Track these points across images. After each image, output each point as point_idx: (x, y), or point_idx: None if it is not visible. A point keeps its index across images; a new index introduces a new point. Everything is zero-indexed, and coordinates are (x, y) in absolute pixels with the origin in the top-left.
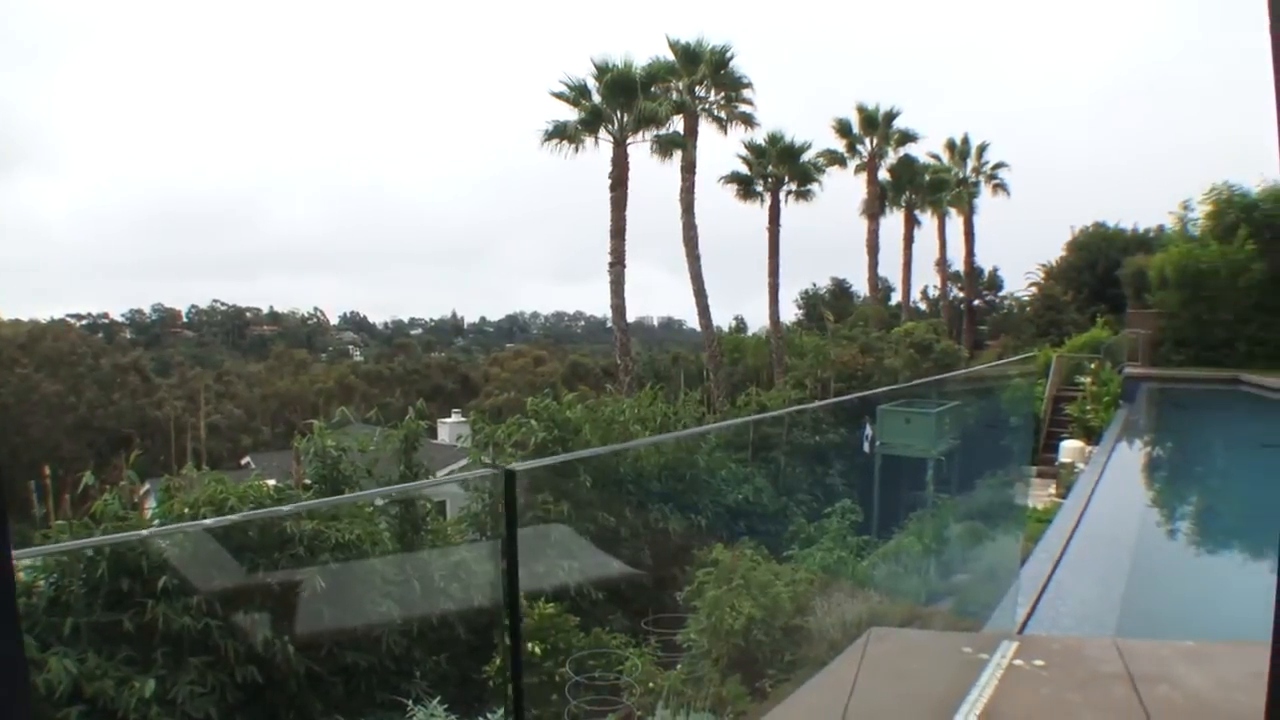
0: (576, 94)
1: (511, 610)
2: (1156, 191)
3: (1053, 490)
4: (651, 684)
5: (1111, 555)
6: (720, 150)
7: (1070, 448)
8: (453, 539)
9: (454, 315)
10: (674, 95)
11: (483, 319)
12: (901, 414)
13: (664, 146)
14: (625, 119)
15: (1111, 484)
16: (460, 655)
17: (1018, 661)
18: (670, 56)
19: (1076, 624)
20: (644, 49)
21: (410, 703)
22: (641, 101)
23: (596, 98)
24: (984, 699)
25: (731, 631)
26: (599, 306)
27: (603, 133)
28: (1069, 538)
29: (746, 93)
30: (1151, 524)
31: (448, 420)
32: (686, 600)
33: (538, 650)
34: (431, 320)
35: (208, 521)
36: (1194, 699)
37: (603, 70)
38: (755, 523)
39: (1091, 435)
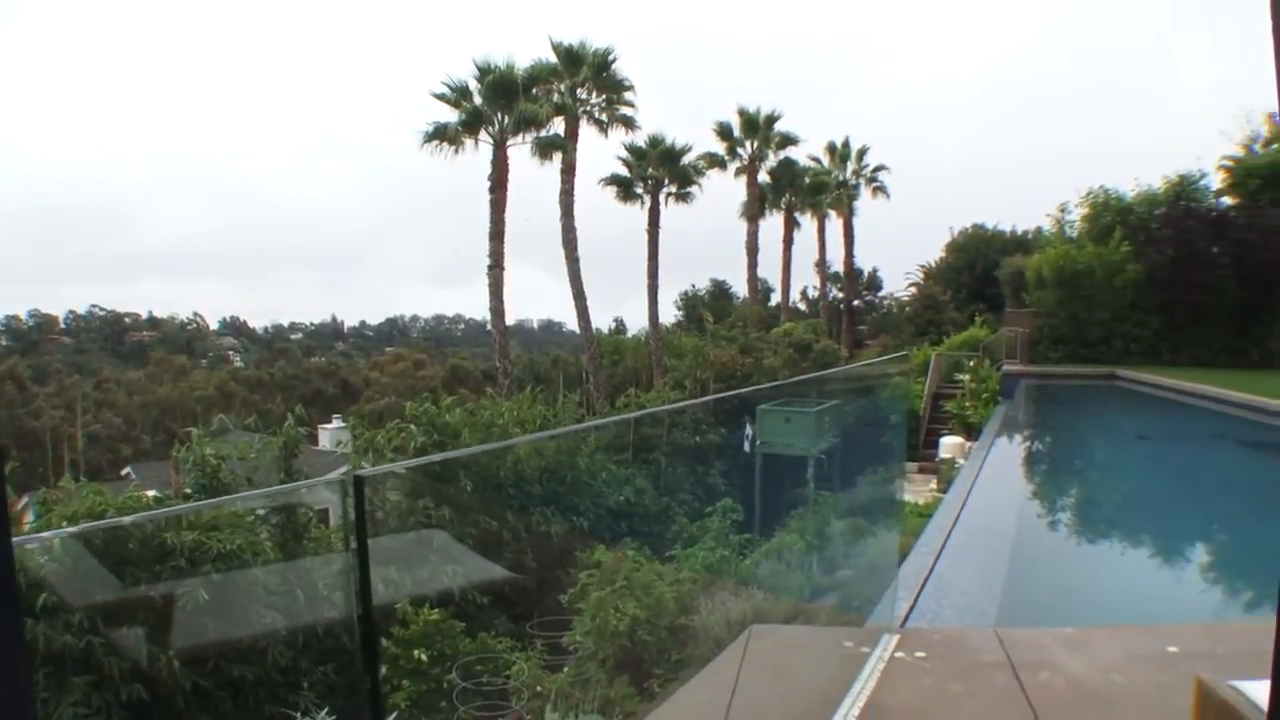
0: (458, 95)
1: (365, 624)
2: (1034, 195)
3: (934, 485)
4: (539, 687)
5: (991, 547)
6: (601, 152)
7: (950, 444)
8: (335, 546)
9: (334, 319)
10: (555, 97)
11: (363, 323)
12: (781, 413)
13: (544, 148)
14: (506, 121)
15: (991, 478)
16: (347, 665)
17: (899, 654)
18: (553, 58)
19: (957, 615)
20: (529, 50)
21: (299, 715)
22: (522, 103)
23: (478, 99)
24: (866, 692)
25: (617, 632)
26: (479, 309)
27: (483, 134)
28: (949, 531)
29: (628, 95)
30: (1031, 516)
31: (328, 426)
32: (571, 602)
33: (424, 657)
34: (312, 324)
35: (70, 529)
36: (1074, 683)
37: (485, 71)
38: (637, 523)
39: (971, 431)
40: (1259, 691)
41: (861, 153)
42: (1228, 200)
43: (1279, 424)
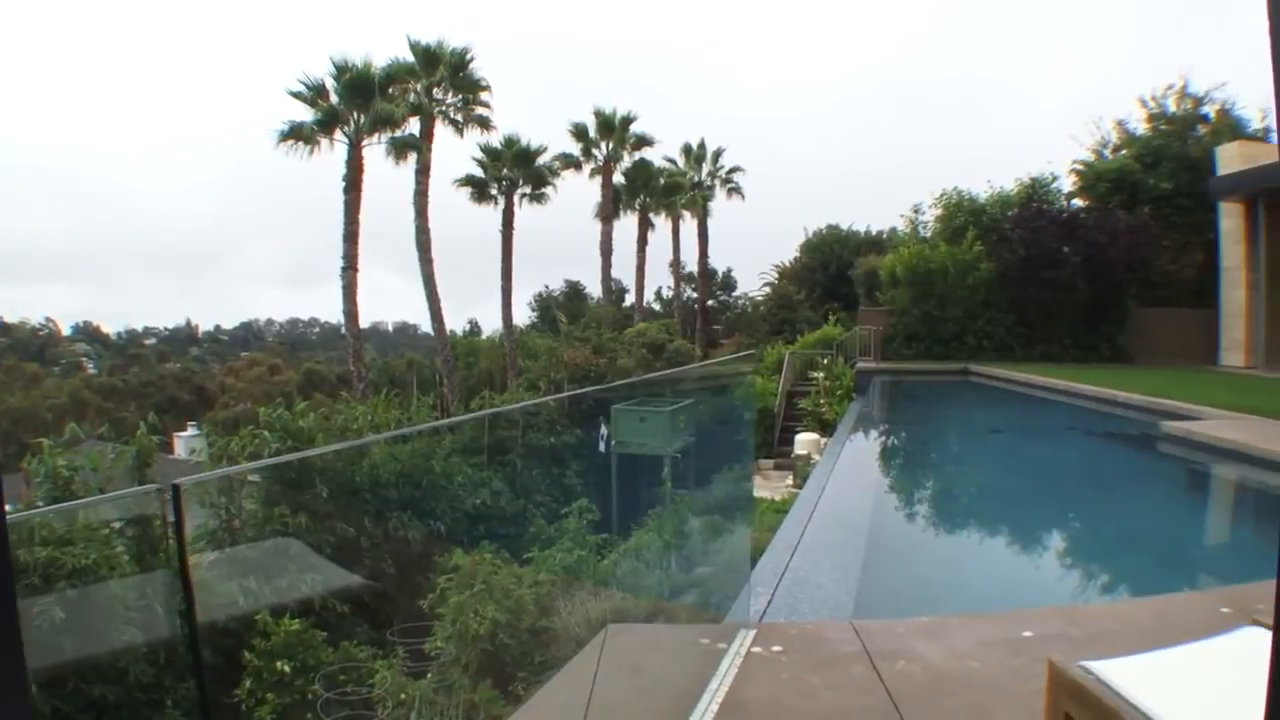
0: (314, 94)
1: (191, 640)
2: (889, 197)
3: (790, 482)
4: (403, 695)
5: (847, 541)
6: (456, 153)
7: (805, 440)
8: (191, 559)
9: (189, 323)
10: (412, 97)
11: (218, 327)
12: (636, 413)
13: (399, 149)
14: (362, 120)
15: (846, 473)
16: (209, 681)
17: (756, 649)
18: (411, 57)
19: (814, 609)
20: (389, 48)
21: None
22: (379, 103)
23: (335, 98)
24: (724, 688)
25: (478, 636)
26: (334, 312)
27: (339, 134)
28: (805, 526)
29: (484, 95)
30: (886, 509)
31: (184, 434)
32: (431, 607)
33: (287, 669)
34: (166, 329)
35: None
36: (930, 670)
37: (342, 70)
38: (495, 526)
39: (826, 428)
40: (1108, 670)
41: (717, 154)
42: (1079, 202)
43: (1127, 415)
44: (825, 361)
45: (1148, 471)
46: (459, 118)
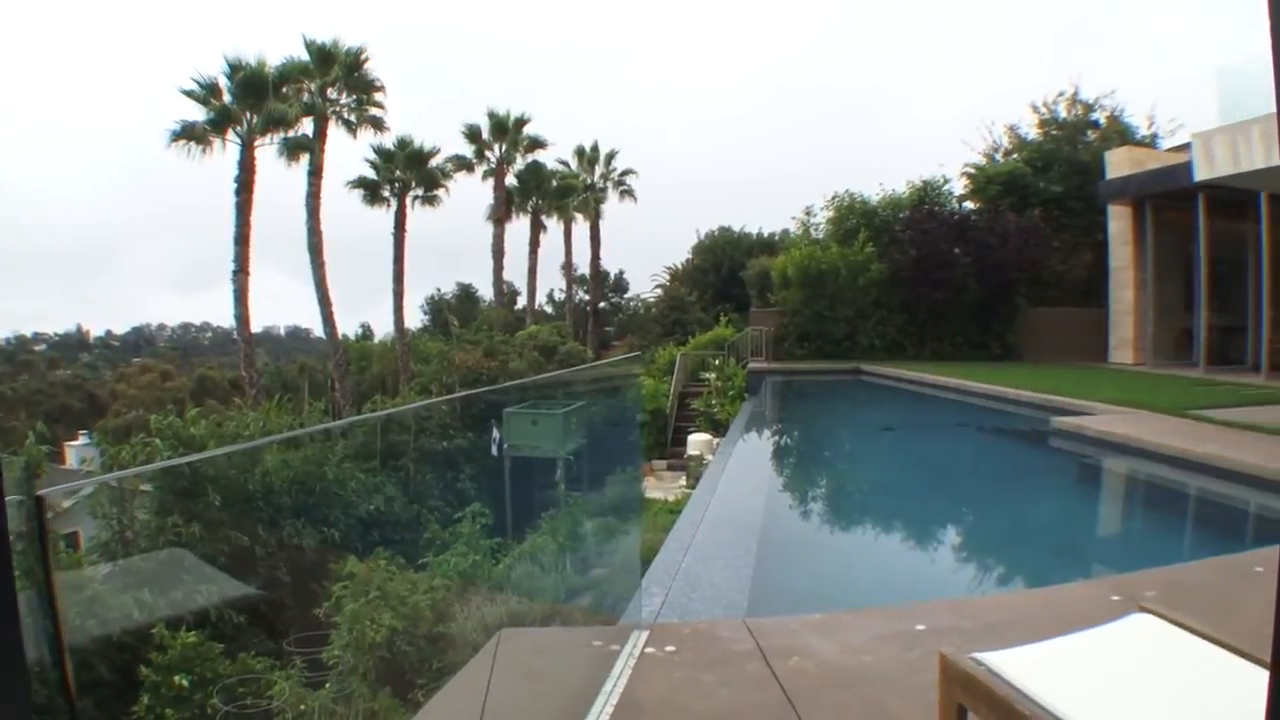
0: (207, 92)
1: (58, 663)
2: (781, 199)
3: (683, 482)
4: (303, 705)
5: (740, 540)
6: (349, 154)
7: (698, 441)
8: (85, 572)
9: (79, 329)
10: (306, 97)
11: (109, 332)
12: (528, 415)
13: (292, 150)
14: (255, 120)
15: (738, 472)
16: (108, 698)
17: (650, 649)
18: (306, 56)
19: (708, 608)
20: (283, 46)
21: None
22: (272, 102)
23: (228, 97)
24: (619, 689)
25: (375, 644)
26: (227, 317)
27: (232, 134)
28: (698, 526)
29: (378, 96)
30: (779, 507)
31: (75, 443)
32: (327, 616)
33: (185, 683)
34: (56, 335)
35: None
36: (823, 665)
37: (235, 68)
38: (389, 532)
39: (719, 428)
40: (999, 661)
41: (610, 156)
42: (970, 204)
43: (1018, 412)
44: (717, 362)
45: (1039, 466)
46: (352, 118)
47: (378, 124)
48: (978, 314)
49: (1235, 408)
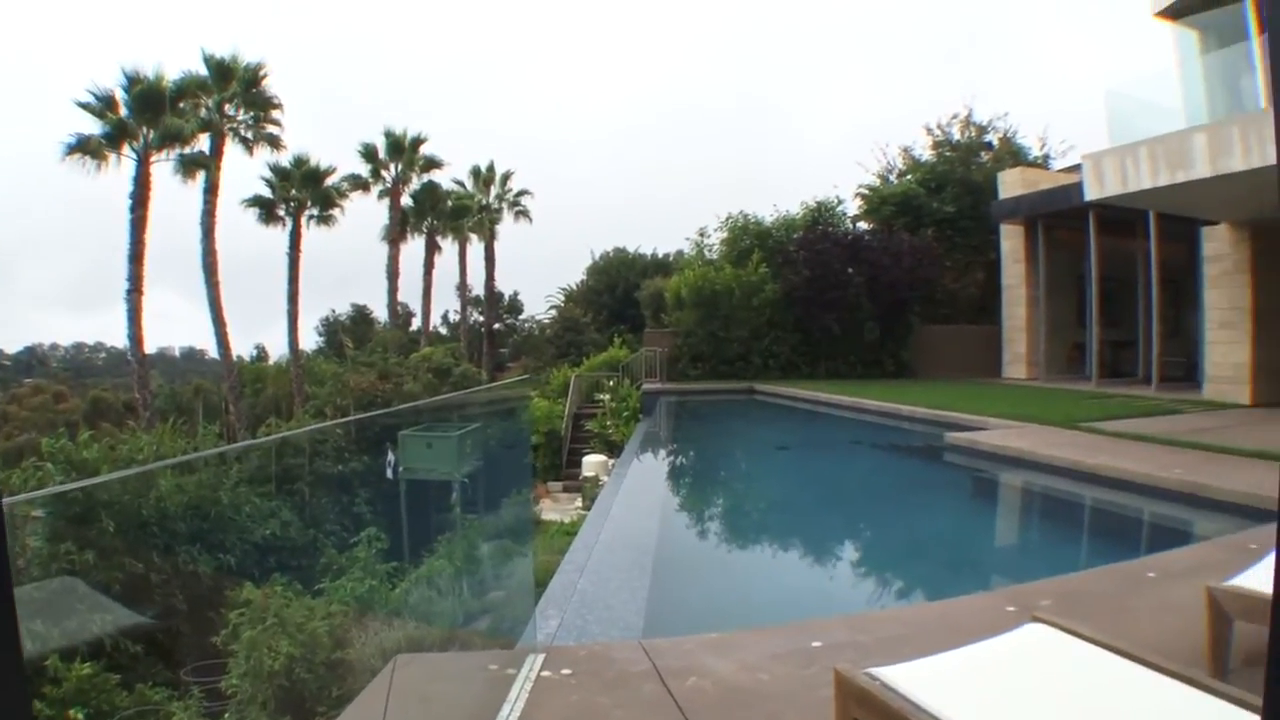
0: (103, 105)
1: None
2: (677, 220)
3: (579, 503)
4: None
5: (636, 561)
6: (247, 172)
7: (593, 462)
8: None
9: None
10: (203, 112)
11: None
12: (423, 438)
13: (188, 166)
14: (151, 135)
15: (633, 493)
16: None
17: (546, 673)
18: (204, 70)
19: (604, 630)
20: (182, 59)
21: None
22: (169, 117)
23: (125, 110)
24: (515, 714)
25: (273, 672)
26: (121, 337)
27: (127, 149)
28: (593, 548)
29: (276, 113)
30: (675, 528)
31: None
32: (224, 644)
33: (80, 716)
34: None
35: None
36: (721, 684)
37: (133, 80)
38: (285, 557)
39: (614, 449)
40: (893, 675)
41: (505, 177)
42: (864, 225)
43: (912, 428)
44: (611, 383)
45: (934, 481)
46: (249, 136)
47: (274, 142)
48: (871, 332)
49: (1127, 419)
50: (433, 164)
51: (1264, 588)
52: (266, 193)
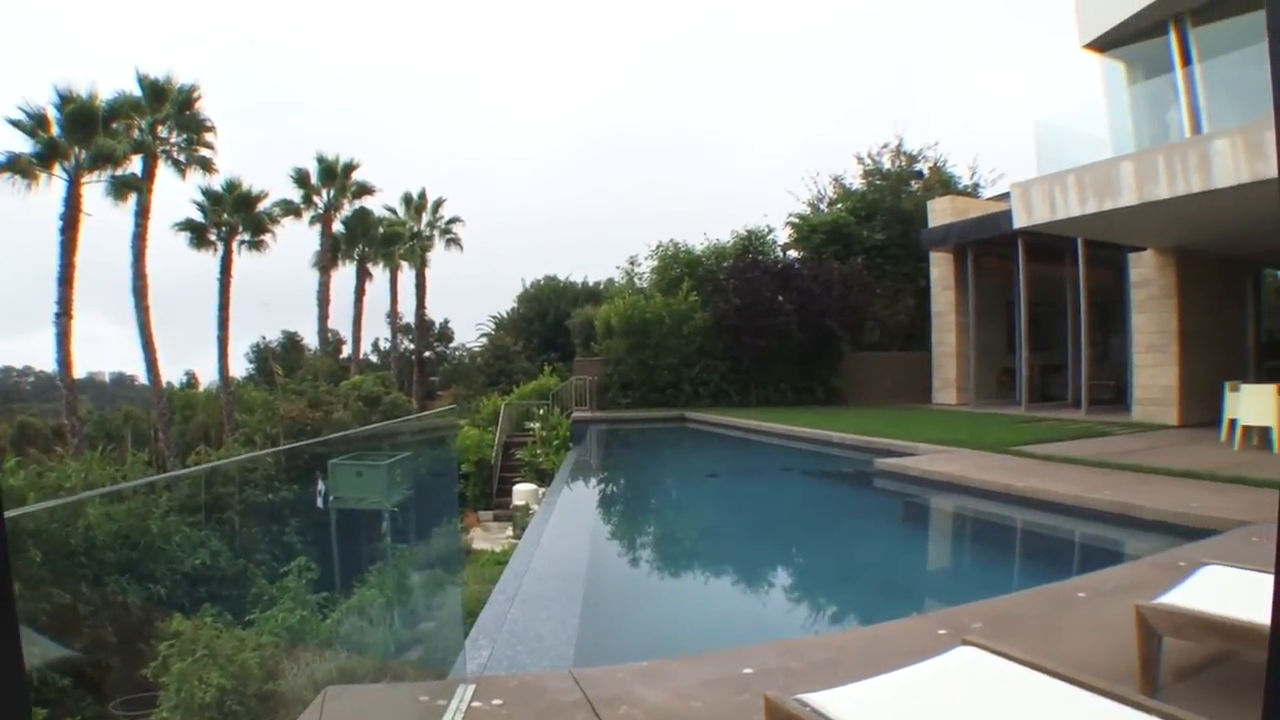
0: (35, 123)
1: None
2: (607, 248)
3: (510, 532)
4: None
5: (566, 590)
6: (178, 195)
7: (524, 491)
8: None
9: None
10: (136, 134)
11: None
12: (353, 467)
13: (120, 188)
14: (83, 155)
15: (563, 522)
16: None
17: (476, 704)
18: (137, 91)
19: (534, 660)
20: (116, 78)
21: None
22: (101, 137)
23: (56, 129)
24: None
25: (204, 705)
26: (49, 361)
27: (58, 169)
28: (524, 577)
29: (209, 136)
30: (606, 556)
31: None
32: (154, 676)
33: None
34: None
35: None
36: (652, 713)
37: (66, 99)
38: (216, 588)
39: (544, 478)
40: (823, 700)
41: (437, 204)
42: (794, 253)
43: (843, 455)
44: (541, 412)
45: (865, 507)
46: (182, 158)
47: (207, 165)
48: (802, 360)
49: (1056, 442)
50: (365, 190)
51: (1192, 605)
52: (198, 217)
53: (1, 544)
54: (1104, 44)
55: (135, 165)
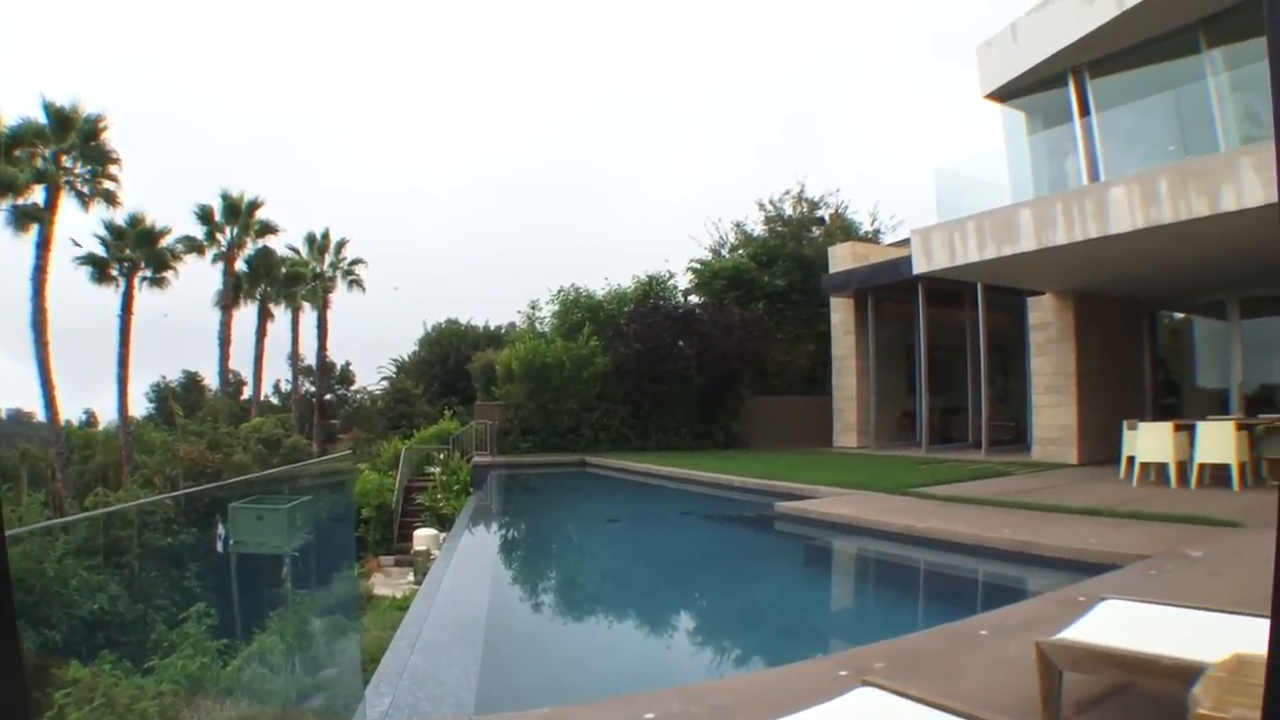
0: None
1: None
2: (509, 292)
3: (411, 578)
4: None
5: (466, 636)
6: (80, 228)
7: (424, 536)
8: None
9: None
10: (39, 163)
11: None
12: (254, 511)
13: (21, 219)
14: None
15: (464, 567)
16: None
17: None
18: (43, 118)
19: (435, 707)
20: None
21: None
22: (2, 165)
23: None
24: None
25: None
26: None
27: None
28: (424, 623)
29: (114, 168)
30: (506, 602)
31: None
32: None
33: None
34: None
35: None
36: None
37: None
38: (114, 634)
39: (445, 523)
40: None
41: (340, 245)
42: (695, 298)
43: (744, 499)
44: (442, 456)
45: (766, 550)
46: (86, 190)
47: (111, 198)
48: (702, 404)
49: (956, 483)
50: (268, 229)
51: (1091, 639)
52: (100, 251)
53: (1, 546)
54: (1004, 94)
55: (38, 195)
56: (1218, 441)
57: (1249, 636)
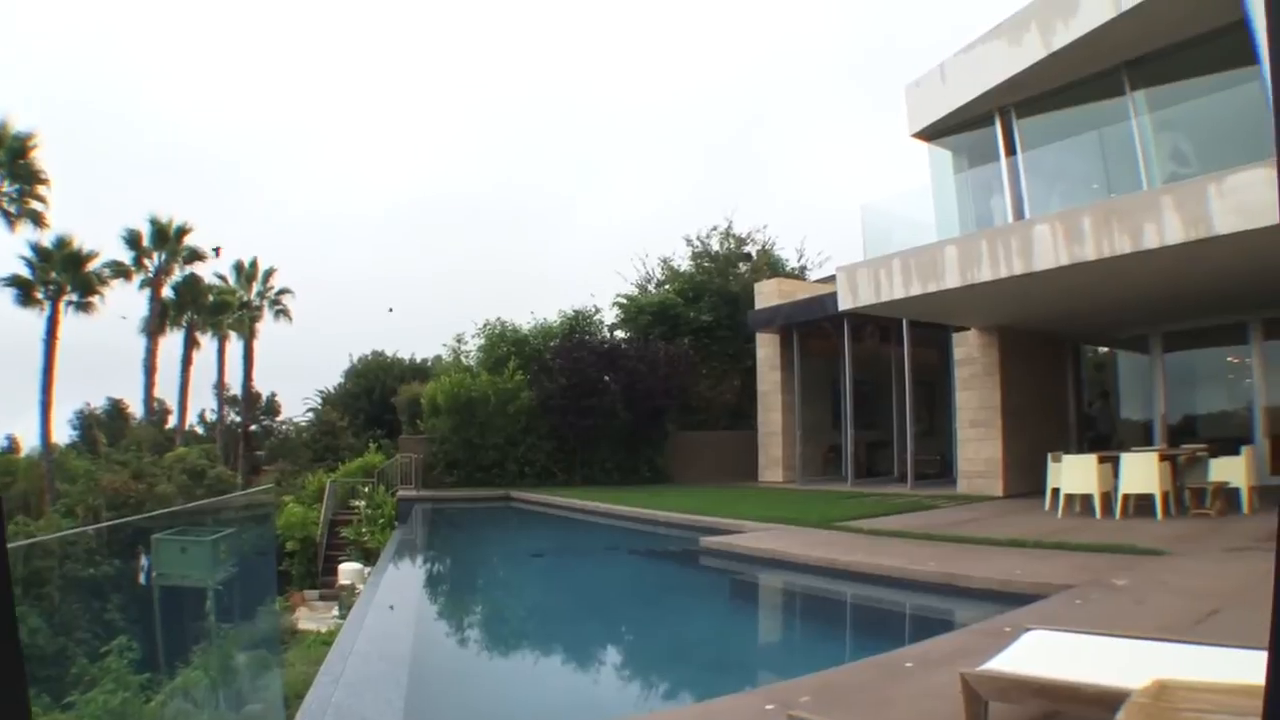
0: None
1: None
2: (436, 325)
3: (336, 612)
4: None
5: (390, 671)
6: (3, 249)
7: (349, 570)
8: None
9: None
10: None
11: None
12: (178, 543)
13: None
14: None
15: (389, 602)
16: None
17: None
18: None
19: None
20: None
21: None
22: None
23: None
24: None
25: None
26: None
27: None
28: (348, 658)
29: (43, 189)
30: (431, 637)
31: None
32: None
33: None
34: None
35: None
36: None
37: None
38: (33, 667)
39: (370, 557)
40: None
41: (268, 274)
42: (620, 333)
43: (669, 534)
44: (367, 490)
45: (692, 585)
46: (13, 210)
47: (38, 219)
48: (628, 439)
49: (882, 517)
50: (196, 256)
51: (1016, 669)
52: (25, 273)
53: (1, 547)
54: (932, 133)
55: None
56: (1142, 472)
57: (1171, 662)
